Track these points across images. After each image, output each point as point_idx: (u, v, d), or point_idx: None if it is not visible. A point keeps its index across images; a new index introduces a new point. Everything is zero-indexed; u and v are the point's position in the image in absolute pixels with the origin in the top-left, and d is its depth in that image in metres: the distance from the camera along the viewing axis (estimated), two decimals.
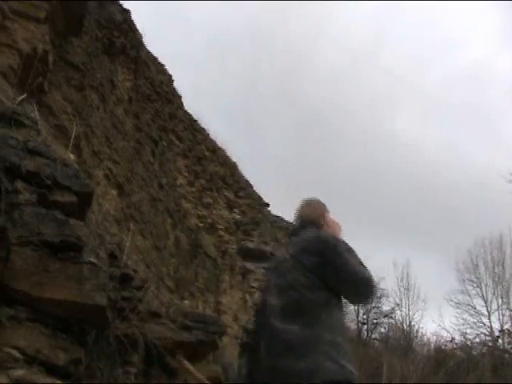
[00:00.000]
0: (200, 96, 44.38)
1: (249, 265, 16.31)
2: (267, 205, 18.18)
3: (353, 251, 3.48)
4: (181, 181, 13.31)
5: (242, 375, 3.60)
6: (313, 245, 3.43)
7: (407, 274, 25.37)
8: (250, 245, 16.43)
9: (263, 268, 16.36)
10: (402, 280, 24.81)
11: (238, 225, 16.14)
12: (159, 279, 9.41)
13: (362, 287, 3.39)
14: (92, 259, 3.85)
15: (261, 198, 17.79)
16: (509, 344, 25.85)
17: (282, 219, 18.94)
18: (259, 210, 17.39)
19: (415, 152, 52.47)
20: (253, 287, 16.14)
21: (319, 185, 49.12)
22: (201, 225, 14.06)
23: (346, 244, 3.51)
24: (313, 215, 3.71)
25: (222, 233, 15.18)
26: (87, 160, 7.56)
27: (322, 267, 3.31)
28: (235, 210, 16.17)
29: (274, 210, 18.60)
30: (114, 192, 8.73)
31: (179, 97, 13.89)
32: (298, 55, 64.73)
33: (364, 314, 24.50)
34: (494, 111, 53.22)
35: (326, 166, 51.61)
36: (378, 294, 24.35)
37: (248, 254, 16.27)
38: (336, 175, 49.92)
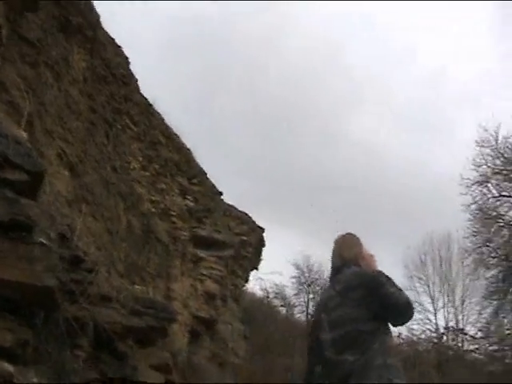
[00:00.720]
0: (157, 81, 43.86)
1: (200, 252, 16.25)
2: (220, 193, 18.11)
3: (390, 279, 3.79)
4: (134, 165, 13.12)
5: None
6: (356, 281, 3.76)
7: None
8: (203, 232, 16.36)
9: (217, 257, 16.34)
10: None
11: (191, 212, 16.04)
12: (110, 263, 9.26)
13: (403, 312, 3.82)
14: (43, 240, 3.75)
15: (214, 187, 17.71)
16: (453, 341, 26.52)
17: (235, 208, 18.89)
18: (212, 198, 17.32)
19: (371, 154, 52.83)
20: (204, 275, 16.10)
21: (275, 179, 49.35)
22: (153, 210, 13.91)
23: (384, 273, 3.84)
24: (351, 255, 4.00)
25: (175, 219, 15.05)
26: (39, 139, 7.36)
27: (367, 300, 3.62)
28: (188, 197, 16.06)
29: (227, 198, 18.54)
30: (66, 172, 8.54)
31: (135, 80, 13.64)
32: (260, 52, 64.33)
33: (314, 307, 24.67)
34: (451, 118, 54.02)
35: (283, 162, 51.56)
36: None
37: (200, 242, 16.20)
38: (293, 172, 49.95)
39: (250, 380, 13.83)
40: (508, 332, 21.39)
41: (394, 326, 3.96)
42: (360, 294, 3.65)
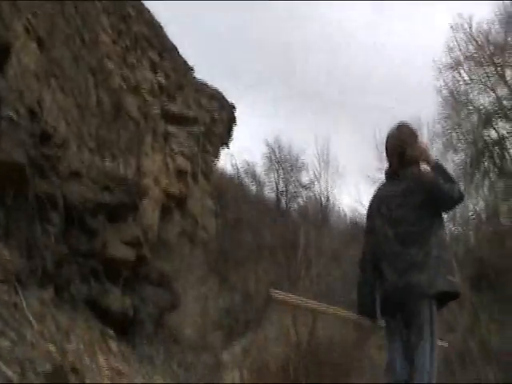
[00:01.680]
0: None
1: (171, 129, 16.12)
2: (192, 69, 17.74)
3: (443, 168, 4.12)
4: (104, 39, 12.64)
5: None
6: (418, 185, 3.96)
7: (327, 148, 25.63)
8: (174, 108, 16.18)
9: (188, 133, 16.26)
10: (322, 153, 25.21)
11: (162, 88, 15.75)
12: (80, 139, 9.14)
13: (456, 203, 4.15)
14: (11, 114, 3.64)
15: (186, 62, 17.31)
16: None
17: (207, 85, 18.59)
18: (183, 74, 16.98)
19: (348, 37, 51.44)
20: (174, 151, 16.06)
21: (245, 56, 48.30)
22: (124, 86, 13.59)
23: (437, 163, 4.14)
24: (412, 153, 4.14)
25: (146, 95, 14.77)
26: (4, 9, 6.99)
27: (427, 203, 3.90)
28: (159, 73, 15.70)
29: (199, 74, 18.19)
30: (34, 46, 8.19)
31: None
32: None
33: (283, 185, 24.98)
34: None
35: (255, 40, 50.22)
36: (297, 165, 24.87)
37: (171, 118, 16.04)
38: (265, 48, 48.78)
39: (219, 256, 14.18)
40: (472, 215, 22.01)
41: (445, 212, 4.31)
42: (421, 199, 3.92)
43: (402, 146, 4.17)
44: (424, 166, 4.10)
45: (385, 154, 4.41)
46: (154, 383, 7.53)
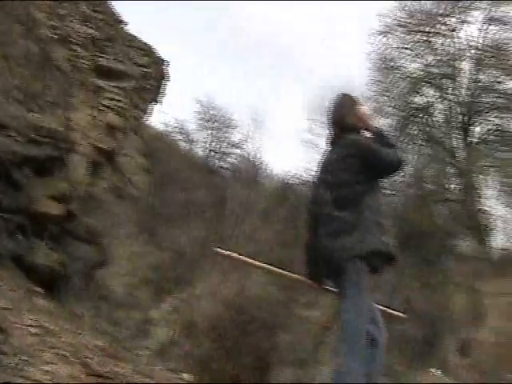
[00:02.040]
0: None
1: (101, 83, 15.68)
2: (124, 23, 17.22)
3: (383, 134, 4.27)
4: None
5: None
6: (354, 150, 4.07)
7: (260, 108, 25.67)
8: (104, 62, 15.71)
9: (119, 88, 15.86)
10: (254, 113, 25.03)
11: (93, 40, 15.23)
12: (6, 90, 8.74)
13: (394, 169, 4.21)
14: None
15: (118, 15, 16.78)
16: None
17: (139, 39, 18.10)
18: (115, 27, 16.46)
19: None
20: (105, 106, 15.66)
21: (182, 12, 47.28)
22: (53, 36, 13.05)
23: (377, 130, 4.30)
24: (350, 120, 4.25)
25: (76, 47, 14.26)
26: None
27: (364, 167, 3.99)
28: (90, 25, 15.16)
29: (132, 29, 17.69)
30: None
31: None
32: None
33: (215, 144, 24.80)
34: None
35: None
36: (229, 123, 24.69)
37: (101, 72, 15.59)
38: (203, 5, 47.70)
39: (150, 213, 14.03)
40: (399, 179, 22.57)
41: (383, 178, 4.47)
42: (358, 164, 4.01)
43: (340, 115, 4.31)
44: (363, 133, 4.26)
45: (327, 122, 4.47)
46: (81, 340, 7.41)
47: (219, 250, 4.24)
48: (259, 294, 10.98)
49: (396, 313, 4.61)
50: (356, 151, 4.06)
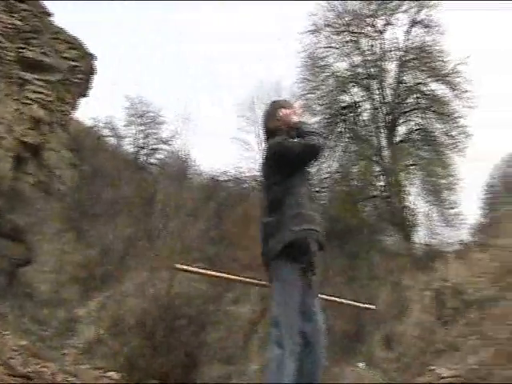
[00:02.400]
0: None
1: (26, 75, 15.28)
2: (50, 14, 16.82)
3: (303, 127, 4.20)
4: None
5: None
6: (269, 152, 4.18)
7: (189, 105, 25.42)
8: (30, 54, 15.30)
9: (45, 81, 15.48)
10: (183, 110, 24.79)
11: (18, 31, 14.81)
12: None
13: (310, 155, 4.15)
14: None
15: (44, 7, 16.37)
16: None
17: (66, 32, 17.71)
18: (41, 19, 16.04)
19: None
20: (30, 99, 15.27)
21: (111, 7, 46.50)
22: None
23: (299, 125, 4.23)
24: (272, 126, 4.35)
25: (0, 38, 13.83)
26: None
27: (276, 167, 4.08)
28: (15, 15, 14.74)
29: (58, 21, 17.28)
30: None
31: None
32: None
33: (143, 140, 24.52)
34: None
35: None
36: (158, 119, 24.47)
37: (27, 64, 15.18)
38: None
39: (76, 209, 13.78)
40: (326, 176, 22.94)
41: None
42: (273, 164, 4.10)
43: (264, 122, 4.45)
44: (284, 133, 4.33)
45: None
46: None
47: (178, 265, 4.36)
48: (187, 290, 10.98)
49: (365, 305, 4.82)
50: (268, 153, 4.18)
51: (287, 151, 4.03)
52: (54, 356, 8.18)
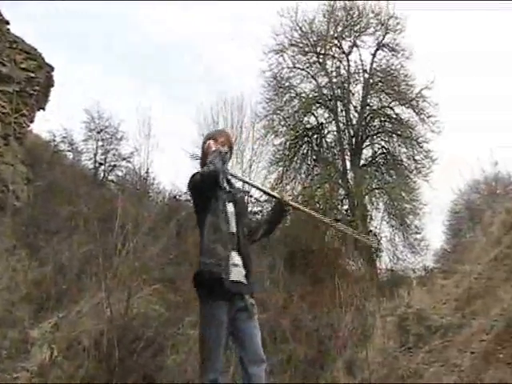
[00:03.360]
0: None
1: None
2: (7, 23, 16.66)
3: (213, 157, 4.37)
4: None
5: None
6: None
7: (149, 120, 25.20)
8: None
9: (1, 92, 15.27)
10: (143, 125, 24.54)
11: None
12: None
13: (204, 182, 4.31)
14: None
15: (1, 15, 16.22)
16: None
17: (23, 41, 17.55)
18: None
19: None
20: None
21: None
22: None
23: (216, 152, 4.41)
24: (201, 157, 4.66)
25: None
26: None
27: (194, 198, 4.47)
28: None
29: (15, 30, 17.12)
30: None
31: None
32: None
33: (102, 155, 24.30)
34: None
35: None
36: (118, 135, 24.29)
37: None
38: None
39: (31, 225, 13.54)
40: (289, 196, 23.01)
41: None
42: (192, 196, 4.52)
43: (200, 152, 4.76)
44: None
45: None
46: None
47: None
48: (145, 312, 10.88)
49: (368, 240, 5.18)
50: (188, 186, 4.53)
51: (198, 180, 4.29)
52: (5, 379, 7.99)
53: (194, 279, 4.07)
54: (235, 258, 4.12)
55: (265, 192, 5.68)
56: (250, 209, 19.70)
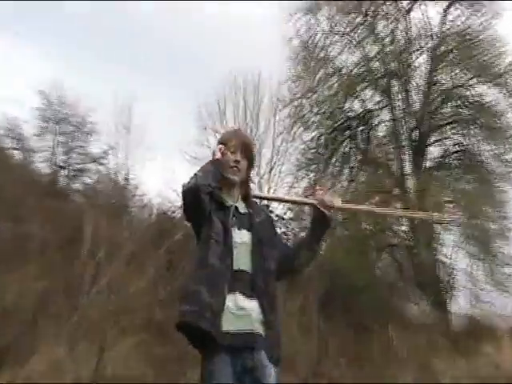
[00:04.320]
0: None
1: None
2: None
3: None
4: None
5: None
6: None
7: (129, 111, 24.69)
8: None
9: None
10: (121, 116, 24.24)
11: None
12: None
13: (186, 198, 4.36)
14: None
15: None
16: None
17: None
18: None
19: None
20: None
21: None
22: None
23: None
24: None
25: None
26: None
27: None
28: None
29: None
30: None
31: None
32: None
33: (64, 155, 24.30)
34: None
35: None
36: (86, 129, 24.30)
37: None
38: None
39: None
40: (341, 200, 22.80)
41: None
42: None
43: None
44: None
45: None
46: None
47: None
48: (119, 371, 10.98)
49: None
50: None
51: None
52: None
53: (178, 330, 4.06)
54: (239, 301, 4.06)
55: (294, 202, 5.65)
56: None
